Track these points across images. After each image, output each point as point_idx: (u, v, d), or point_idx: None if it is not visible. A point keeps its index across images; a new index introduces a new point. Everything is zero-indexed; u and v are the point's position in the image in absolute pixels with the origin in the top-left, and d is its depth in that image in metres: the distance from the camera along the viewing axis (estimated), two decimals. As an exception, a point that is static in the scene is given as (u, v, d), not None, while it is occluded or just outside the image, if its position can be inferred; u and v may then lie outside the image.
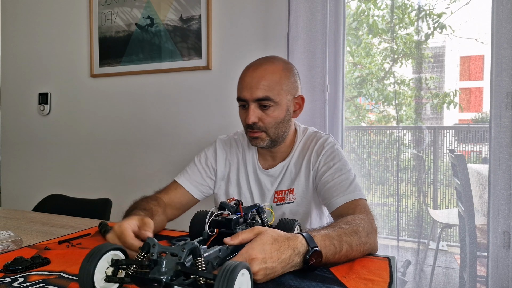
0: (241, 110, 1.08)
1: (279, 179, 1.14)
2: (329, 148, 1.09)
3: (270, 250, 0.66)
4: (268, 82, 1.02)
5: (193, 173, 1.18)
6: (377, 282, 0.69)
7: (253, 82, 1.02)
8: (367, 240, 0.83)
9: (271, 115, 1.04)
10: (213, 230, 0.74)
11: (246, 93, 1.03)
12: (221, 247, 0.66)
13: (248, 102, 1.03)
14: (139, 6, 2.03)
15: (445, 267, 1.92)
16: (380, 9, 2.13)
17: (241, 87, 1.05)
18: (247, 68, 1.07)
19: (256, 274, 0.64)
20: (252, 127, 1.04)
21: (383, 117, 2.59)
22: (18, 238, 0.91)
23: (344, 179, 1.01)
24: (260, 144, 1.07)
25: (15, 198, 2.48)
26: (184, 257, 0.55)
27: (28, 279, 0.69)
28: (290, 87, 1.07)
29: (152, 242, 0.58)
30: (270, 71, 1.03)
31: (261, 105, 1.03)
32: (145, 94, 2.07)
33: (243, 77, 1.06)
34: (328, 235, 0.76)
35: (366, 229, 0.84)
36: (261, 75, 1.02)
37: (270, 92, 1.01)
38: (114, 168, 2.16)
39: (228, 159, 1.20)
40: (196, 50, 1.90)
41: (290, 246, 0.69)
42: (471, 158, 2.01)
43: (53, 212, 1.37)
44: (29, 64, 2.40)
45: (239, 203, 0.81)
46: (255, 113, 1.03)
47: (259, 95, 1.01)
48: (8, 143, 2.50)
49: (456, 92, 2.21)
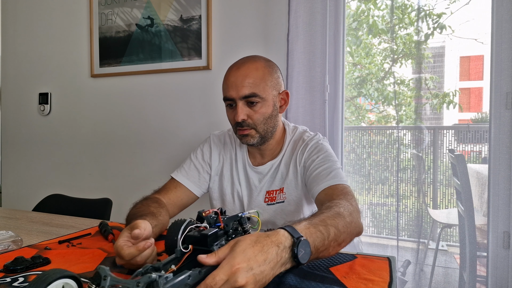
0: (228, 109, 1.10)
1: (267, 177, 1.16)
2: (314, 144, 1.11)
3: (253, 253, 0.58)
4: (253, 79, 1.04)
5: (190, 170, 1.19)
6: (377, 282, 0.69)
7: (238, 81, 1.04)
8: (351, 220, 0.80)
9: (259, 111, 1.06)
10: (187, 246, 0.63)
11: (232, 92, 1.05)
12: (191, 272, 0.55)
13: (235, 100, 1.05)
14: (139, 6, 2.03)
15: (445, 267, 1.92)
16: (380, 9, 2.13)
17: (226, 87, 1.07)
18: (230, 68, 1.09)
19: (245, 285, 0.55)
20: (241, 124, 1.06)
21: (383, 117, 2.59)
22: (18, 238, 0.91)
23: (326, 168, 1.03)
24: (250, 141, 1.08)
25: (15, 198, 2.48)
26: None
27: (28, 279, 0.69)
28: (274, 82, 1.09)
29: (103, 273, 0.50)
30: (253, 69, 1.05)
31: (248, 102, 1.04)
32: (145, 94, 2.07)
33: (227, 77, 1.08)
34: (311, 223, 0.70)
35: (347, 209, 0.82)
36: (245, 73, 1.04)
37: (255, 88, 1.04)
38: (114, 168, 2.16)
39: (222, 154, 1.22)
40: (196, 50, 1.90)
41: (273, 242, 0.61)
42: (470, 158, 2.02)
43: (53, 212, 1.37)
44: (29, 64, 2.40)
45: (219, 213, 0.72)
46: (243, 111, 1.04)
47: (245, 92, 1.03)
48: (9, 143, 2.50)
49: (455, 92, 2.21)
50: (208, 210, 0.72)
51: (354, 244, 1.83)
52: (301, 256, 0.62)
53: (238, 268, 0.55)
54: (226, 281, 0.54)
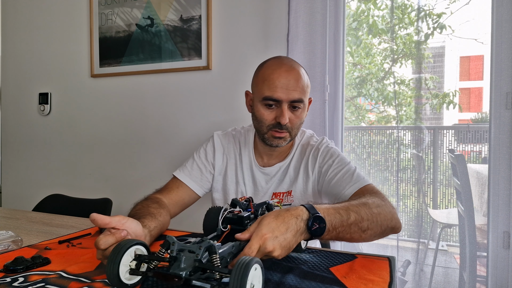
0: (265, 109, 1.06)
1: (275, 179, 1.16)
2: (324, 149, 1.12)
3: (276, 224, 0.70)
4: (302, 84, 1.04)
5: (193, 169, 1.19)
6: (377, 282, 0.69)
7: (290, 84, 1.02)
8: (379, 211, 0.85)
9: (298, 116, 1.07)
10: (225, 226, 0.78)
11: (281, 94, 1.02)
12: (234, 243, 0.69)
13: (281, 102, 1.03)
14: (139, 6, 2.03)
15: (445, 267, 1.92)
16: (380, 9, 2.13)
17: (274, 87, 1.02)
18: (278, 67, 1.05)
19: (273, 251, 0.68)
20: (282, 127, 1.05)
21: (383, 117, 2.59)
22: (18, 238, 0.91)
23: (346, 172, 1.04)
24: (282, 144, 1.09)
25: (15, 198, 2.48)
26: (201, 254, 0.60)
27: (28, 279, 0.69)
28: (310, 89, 1.12)
29: (171, 240, 0.63)
30: (301, 74, 1.05)
31: (292, 106, 1.05)
32: (145, 94, 2.07)
33: (276, 77, 1.03)
34: (333, 206, 0.80)
35: (376, 202, 0.87)
36: (297, 77, 1.03)
37: (303, 94, 1.05)
38: (114, 168, 2.16)
39: (226, 153, 1.21)
40: (196, 50, 1.90)
41: (292, 215, 0.72)
42: (470, 158, 2.01)
43: (53, 212, 1.37)
44: (29, 64, 2.40)
45: (250, 200, 0.84)
46: (288, 114, 1.05)
47: (295, 97, 1.03)
48: (8, 143, 2.50)
49: (455, 92, 2.21)
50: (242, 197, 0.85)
51: (354, 244, 1.83)
52: (314, 230, 0.73)
53: (266, 237, 0.68)
54: (259, 249, 0.67)
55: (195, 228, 1.06)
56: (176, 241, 0.63)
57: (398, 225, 0.90)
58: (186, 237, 0.97)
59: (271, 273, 0.72)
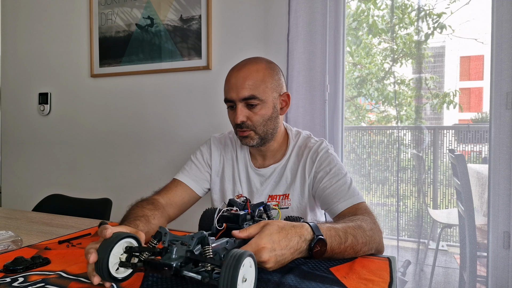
0: (229, 111, 1.11)
1: (270, 180, 1.15)
2: (323, 154, 1.10)
3: (278, 238, 0.69)
4: (253, 81, 1.04)
5: (191, 169, 1.20)
6: (377, 282, 0.69)
7: (238, 82, 1.04)
8: (371, 234, 0.87)
9: (259, 113, 1.06)
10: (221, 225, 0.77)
11: (232, 94, 1.05)
12: (229, 240, 0.68)
13: (235, 102, 1.05)
14: (139, 6, 2.03)
15: (445, 267, 1.92)
16: (380, 9, 2.13)
17: (227, 88, 1.07)
18: (232, 70, 1.09)
19: (267, 262, 0.67)
20: (241, 126, 1.06)
21: (383, 117, 2.59)
22: (18, 238, 0.91)
23: (342, 184, 1.04)
24: (250, 143, 1.09)
25: (15, 198, 2.48)
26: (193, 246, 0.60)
27: (28, 279, 0.69)
28: (275, 84, 1.09)
29: (164, 231, 0.62)
30: (254, 70, 1.06)
31: (248, 104, 1.05)
32: (145, 94, 2.07)
33: (228, 79, 1.08)
34: (333, 227, 0.80)
35: (369, 225, 0.89)
36: (246, 75, 1.05)
37: (255, 90, 1.04)
38: (114, 168, 2.16)
39: (222, 155, 1.22)
40: (196, 50, 1.90)
41: (296, 233, 0.72)
42: (471, 158, 2.01)
43: (53, 212, 1.37)
44: (29, 64, 2.40)
45: (247, 200, 0.83)
46: (242, 112, 1.05)
47: (245, 94, 1.04)
48: (8, 143, 2.50)
49: (456, 92, 2.21)
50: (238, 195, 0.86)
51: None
52: (315, 252, 0.73)
53: (264, 247, 0.67)
54: None
55: (194, 228, 1.06)
56: (168, 232, 0.62)
57: (383, 248, 0.92)
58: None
59: (271, 273, 0.72)
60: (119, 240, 0.64)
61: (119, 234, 0.65)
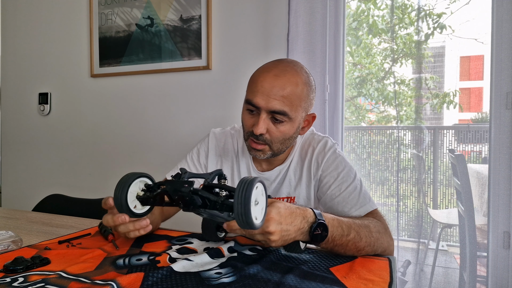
0: (246, 113, 0.95)
1: (274, 184, 1.05)
2: (331, 155, 1.00)
3: (285, 213, 0.71)
4: (289, 95, 0.89)
5: None
6: (377, 282, 0.69)
7: (272, 91, 0.88)
8: (377, 237, 0.84)
9: (281, 130, 0.92)
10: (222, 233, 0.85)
11: (260, 101, 0.89)
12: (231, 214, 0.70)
13: (260, 110, 0.90)
14: (139, 6, 2.03)
15: (445, 267, 1.92)
16: (380, 9, 2.13)
17: (256, 91, 0.90)
18: (267, 71, 0.91)
19: (273, 234, 0.69)
20: (257, 137, 0.93)
21: (383, 117, 2.59)
22: (18, 238, 0.91)
23: (352, 191, 0.95)
24: (260, 157, 0.96)
25: (15, 198, 2.48)
26: (210, 179, 0.65)
27: (28, 279, 0.69)
28: (308, 104, 0.95)
29: (183, 170, 0.67)
30: (293, 83, 0.90)
31: (274, 117, 0.91)
32: (145, 94, 2.07)
33: (260, 81, 0.90)
34: (338, 219, 0.80)
35: (377, 228, 0.86)
36: (283, 85, 0.88)
37: (288, 107, 0.89)
38: (114, 168, 2.16)
39: (221, 154, 1.11)
40: (196, 50, 1.90)
41: (301, 213, 0.74)
42: (471, 158, 2.01)
43: (53, 212, 1.37)
44: (29, 64, 2.40)
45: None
46: (265, 124, 0.91)
47: (276, 108, 0.89)
48: (8, 143, 2.50)
49: (456, 92, 2.21)
50: None
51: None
52: (316, 234, 0.75)
53: (272, 218, 0.69)
54: None
55: (194, 229, 1.06)
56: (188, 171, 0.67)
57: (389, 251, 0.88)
58: (186, 237, 0.97)
59: (271, 273, 0.72)
60: (136, 178, 0.67)
61: (134, 173, 0.68)
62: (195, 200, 0.63)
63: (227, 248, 0.84)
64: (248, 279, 0.69)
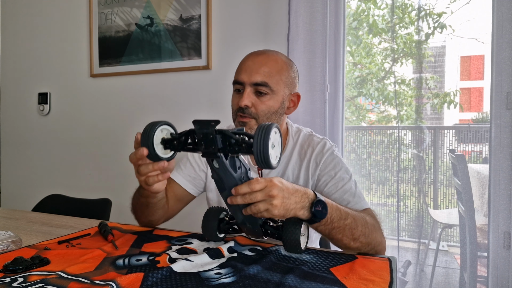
0: (235, 94, 1.06)
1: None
2: (329, 156, 1.05)
3: (287, 185, 0.75)
4: (269, 68, 1.00)
5: (186, 167, 1.15)
6: (377, 282, 0.69)
7: (254, 66, 1.00)
8: (372, 230, 0.87)
9: (266, 103, 1.00)
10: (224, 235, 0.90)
11: (244, 76, 1.00)
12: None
13: (245, 85, 1.01)
14: (139, 6, 2.03)
15: (446, 267, 1.92)
16: (380, 8, 2.13)
17: (240, 69, 1.03)
18: (249, 54, 1.05)
19: (275, 198, 0.72)
20: (243, 111, 1.00)
21: (384, 117, 2.59)
22: (17, 238, 0.91)
23: (348, 189, 1.00)
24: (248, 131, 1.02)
25: (14, 198, 2.48)
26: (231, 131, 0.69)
27: (27, 279, 0.69)
28: (289, 81, 1.05)
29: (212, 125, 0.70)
30: (272, 59, 1.02)
31: (257, 91, 1.00)
32: (145, 94, 2.07)
33: (243, 61, 1.04)
34: (335, 203, 0.84)
35: (372, 222, 0.90)
36: (263, 61, 1.00)
37: (269, 78, 0.99)
38: (114, 168, 2.16)
39: None
40: (196, 50, 1.89)
41: (301, 190, 0.78)
42: (471, 158, 2.01)
43: (52, 212, 1.37)
44: (29, 63, 2.40)
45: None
46: (249, 97, 1.00)
47: (258, 80, 0.99)
48: (8, 143, 2.50)
49: (456, 92, 2.21)
50: None
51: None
52: (316, 210, 0.77)
53: (275, 184, 0.73)
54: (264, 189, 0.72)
55: (194, 229, 1.06)
56: None
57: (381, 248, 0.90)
58: (186, 238, 0.97)
59: (271, 273, 0.72)
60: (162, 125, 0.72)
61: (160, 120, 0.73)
62: (217, 141, 0.67)
63: (227, 249, 0.83)
64: (248, 280, 0.68)
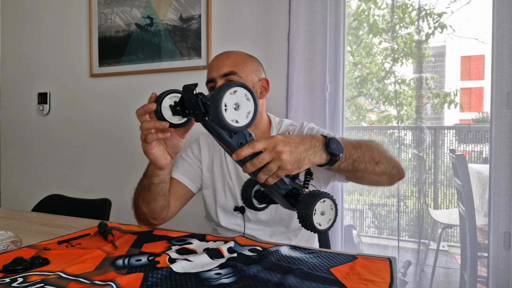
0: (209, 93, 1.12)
1: None
2: (308, 129, 1.14)
3: (291, 137, 0.75)
4: (233, 60, 1.10)
5: (182, 165, 1.19)
6: (377, 282, 0.68)
7: (219, 62, 1.10)
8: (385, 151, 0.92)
9: None
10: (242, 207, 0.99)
11: (213, 73, 1.10)
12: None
13: (216, 80, 1.09)
14: (139, 5, 2.03)
15: (446, 268, 1.92)
16: (380, 8, 2.13)
17: (209, 70, 1.12)
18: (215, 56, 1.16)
19: (283, 153, 0.70)
20: None
21: (384, 117, 2.59)
22: (17, 238, 0.91)
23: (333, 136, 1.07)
24: None
25: (14, 198, 2.48)
26: None
27: (27, 279, 0.69)
28: (254, 68, 1.14)
29: None
30: (234, 53, 1.13)
31: (228, 80, 1.07)
32: (145, 94, 2.05)
33: (210, 63, 1.15)
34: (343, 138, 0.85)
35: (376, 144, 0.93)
36: (226, 55, 1.12)
37: (235, 67, 1.09)
38: (114, 168, 2.16)
39: (211, 149, 1.21)
40: (196, 49, 1.89)
41: (308, 136, 0.78)
42: (471, 158, 2.01)
43: (52, 212, 1.37)
44: (29, 63, 2.40)
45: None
46: None
47: (225, 70, 1.08)
48: (8, 143, 2.50)
49: (456, 92, 2.20)
50: None
51: (354, 244, 1.83)
52: (333, 147, 0.76)
53: (278, 138, 0.72)
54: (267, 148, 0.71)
55: (194, 229, 1.06)
56: None
57: (401, 168, 0.96)
58: (185, 238, 0.96)
59: (271, 273, 0.72)
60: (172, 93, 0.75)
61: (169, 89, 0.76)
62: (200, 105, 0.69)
63: (226, 249, 0.83)
64: (248, 280, 0.68)
